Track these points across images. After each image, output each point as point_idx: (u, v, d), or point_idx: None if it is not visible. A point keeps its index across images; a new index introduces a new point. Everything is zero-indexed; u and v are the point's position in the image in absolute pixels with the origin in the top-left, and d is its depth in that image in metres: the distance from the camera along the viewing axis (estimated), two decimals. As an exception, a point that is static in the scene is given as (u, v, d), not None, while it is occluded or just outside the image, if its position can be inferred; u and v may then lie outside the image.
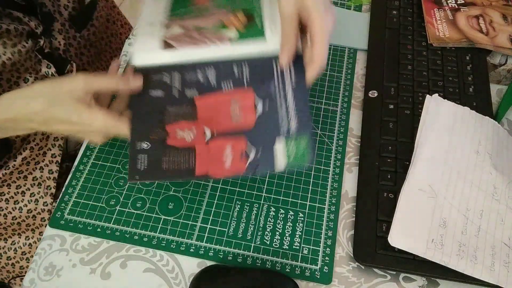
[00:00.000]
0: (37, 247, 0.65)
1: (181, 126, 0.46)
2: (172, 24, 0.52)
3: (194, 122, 0.47)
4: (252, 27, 0.51)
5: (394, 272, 0.50)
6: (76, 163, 0.56)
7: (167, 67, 0.49)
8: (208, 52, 0.49)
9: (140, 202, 0.53)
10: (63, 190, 0.54)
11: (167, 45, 0.50)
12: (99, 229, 0.51)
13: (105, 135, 0.47)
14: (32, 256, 0.66)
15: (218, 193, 0.54)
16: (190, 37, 0.50)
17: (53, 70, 0.58)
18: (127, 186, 0.54)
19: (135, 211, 0.53)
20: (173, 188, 0.54)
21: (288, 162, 0.44)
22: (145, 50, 0.50)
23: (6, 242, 0.67)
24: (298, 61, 0.47)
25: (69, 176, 0.55)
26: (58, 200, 0.53)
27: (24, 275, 0.68)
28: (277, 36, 0.48)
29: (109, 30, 0.76)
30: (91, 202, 0.53)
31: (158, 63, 0.49)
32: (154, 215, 0.52)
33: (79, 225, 0.52)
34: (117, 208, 0.53)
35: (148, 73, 0.48)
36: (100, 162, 0.56)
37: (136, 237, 0.51)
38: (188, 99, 0.47)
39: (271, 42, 0.49)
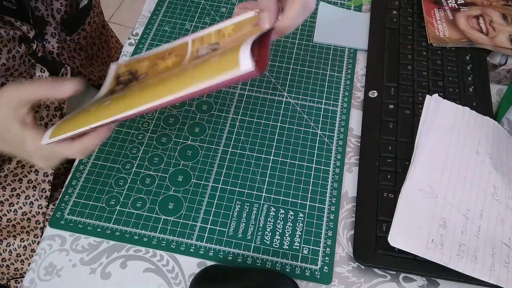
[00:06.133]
0: (32, 249, 0.65)
1: None
2: None
3: None
4: None
5: (394, 272, 0.50)
6: (76, 163, 0.56)
7: None
8: None
9: (140, 202, 0.53)
10: (63, 190, 0.54)
11: None
12: (99, 229, 0.51)
13: (49, 159, 0.40)
14: (27, 259, 0.66)
15: (218, 193, 0.54)
16: None
17: (47, 74, 0.58)
18: (127, 186, 0.54)
19: (135, 211, 0.53)
20: (173, 188, 0.54)
21: None
22: None
23: (1, 244, 0.67)
24: None
25: (69, 176, 0.55)
26: (57, 200, 0.53)
27: (18, 277, 0.68)
28: None
29: (103, 36, 0.76)
30: (91, 202, 0.53)
31: None
32: (154, 215, 0.52)
33: (79, 225, 0.52)
34: (117, 208, 0.53)
35: None
36: (100, 162, 0.56)
37: (136, 237, 0.51)
38: None
39: None
